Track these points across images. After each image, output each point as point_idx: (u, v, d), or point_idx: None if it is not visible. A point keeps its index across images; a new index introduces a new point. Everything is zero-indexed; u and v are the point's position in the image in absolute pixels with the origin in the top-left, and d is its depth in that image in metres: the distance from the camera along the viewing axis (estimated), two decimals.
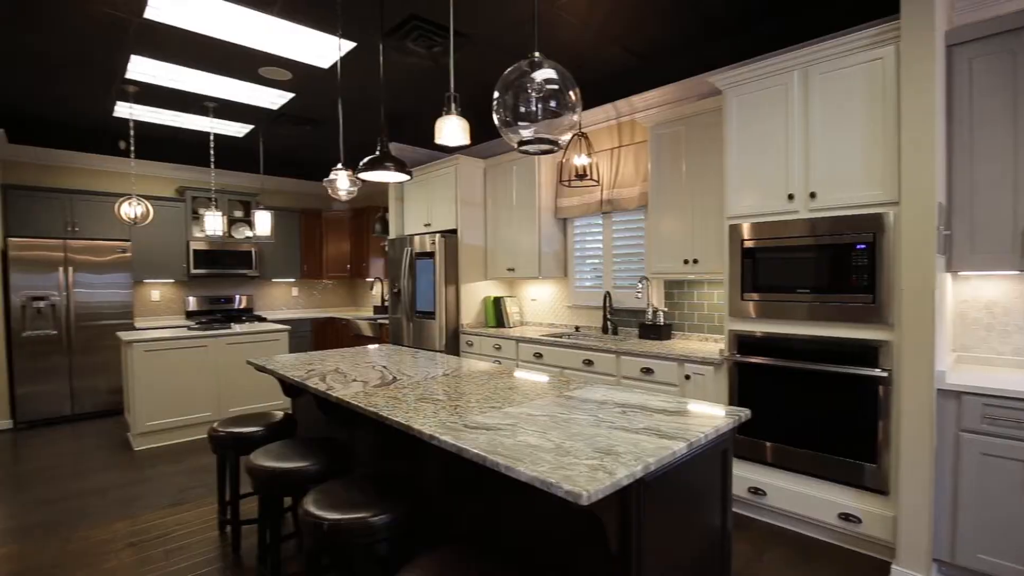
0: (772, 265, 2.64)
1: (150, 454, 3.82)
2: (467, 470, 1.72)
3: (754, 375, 2.72)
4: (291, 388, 2.77)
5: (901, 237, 2.20)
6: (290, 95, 4.14)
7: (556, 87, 1.60)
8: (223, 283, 6.24)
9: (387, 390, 2.01)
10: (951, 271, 2.30)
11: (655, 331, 3.58)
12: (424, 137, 5.07)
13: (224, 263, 5.84)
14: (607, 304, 3.96)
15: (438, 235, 4.39)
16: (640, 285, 3.63)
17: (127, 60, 3.49)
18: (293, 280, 6.76)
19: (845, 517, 2.41)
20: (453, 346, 4.47)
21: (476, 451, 1.29)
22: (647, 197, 3.65)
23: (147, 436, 3.95)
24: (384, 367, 2.52)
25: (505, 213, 4.46)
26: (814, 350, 2.50)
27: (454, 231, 4.55)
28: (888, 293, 2.28)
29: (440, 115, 2.05)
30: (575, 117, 1.64)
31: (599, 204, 3.96)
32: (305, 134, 5.17)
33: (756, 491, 2.71)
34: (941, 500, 2.12)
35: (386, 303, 6.51)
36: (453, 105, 2.00)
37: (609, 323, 3.97)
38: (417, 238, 4.65)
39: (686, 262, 3.27)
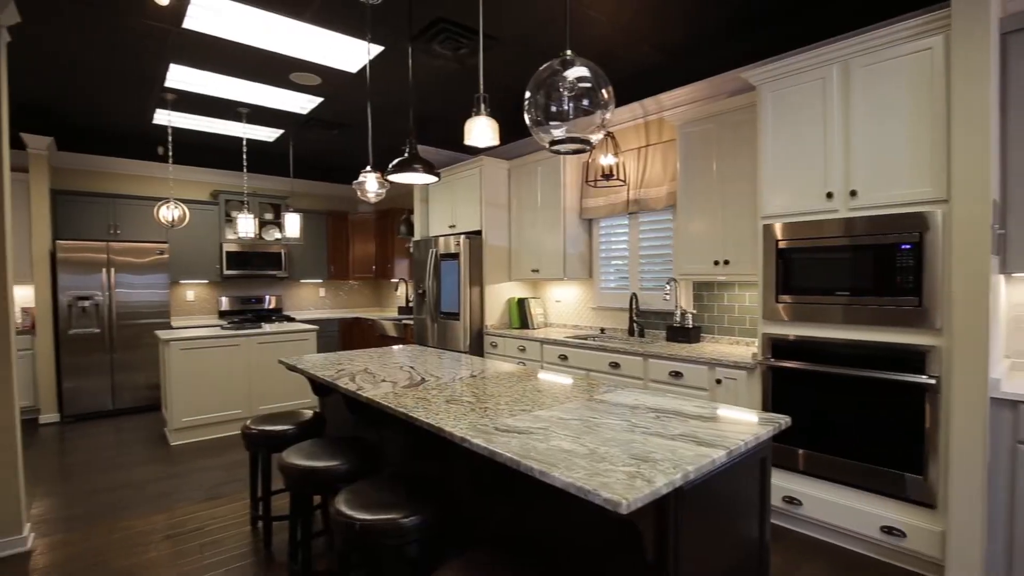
0: (808, 266, 2.55)
1: (186, 449, 3.93)
2: (496, 472, 1.71)
3: (789, 380, 2.63)
4: (320, 387, 2.81)
5: (952, 237, 2.10)
6: (319, 100, 4.21)
7: (589, 85, 1.57)
8: (254, 284, 6.39)
9: (416, 391, 2.02)
10: (1005, 273, 2.18)
11: (683, 334, 3.50)
12: (449, 139, 5.10)
13: (255, 264, 5.99)
14: (633, 306, 3.90)
15: (463, 236, 4.40)
16: (668, 287, 3.56)
17: (166, 69, 3.60)
18: (320, 281, 6.88)
19: (888, 530, 2.31)
20: (477, 347, 4.47)
21: (509, 455, 1.27)
22: (675, 197, 3.58)
23: (183, 432, 4.07)
24: (412, 368, 2.53)
25: (529, 214, 4.44)
26: (853, 355, 2.41)
27: (479, 232, 4.55)
28: (935, 296, 2.17)
29: (466, 117, 2.05)
30: (608, 115, 1.61)
31: (625, 204, 3.91)
32: (333, 138, 5.26)
33: (791, 500, 2.62)
34: (995, 515, 2.01)
35: (410, 304, 6.57)
36: (483, 106, 1.99)
37: (635, 325, 3.91)
38: (442, 239, 4.67)
39: (716, 263, 3.19)
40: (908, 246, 2.22)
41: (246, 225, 4.65)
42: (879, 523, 2.33)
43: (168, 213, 4.25)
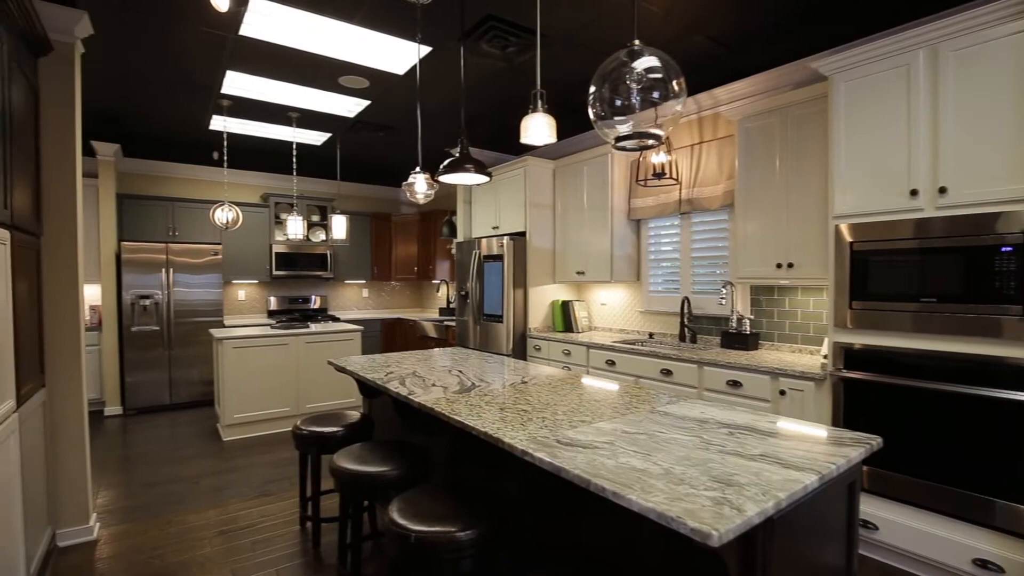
0: (888, 270, 2.35)
1: (237, 445, 4.04)
2: (553, 486, 1.62)
3: (864, 393, 2.43)
4: (369, 389, 2.80)
5: None
6: (366, 103, 4.25)
7: (659, 76, 1.48)
8: (301, 284, 6.55)
9: (467, 397, 1.96)
10: None
11: (740, 340, 3.32)
12: (492, 139, 5.06)
13: (302, 265, 6.13)
14: (685, 310, 3.74)
15: (506, 238, 4.34)
16: (724, 290, 3.38)
17: (223, 76, 3.71)
18: (364, 282, 6.99)
19: (982, 564, 2.08)
20: (520, 350, 4.40)
21: (577, 473, 1.19)
22: (732, 196, 3.41)
23: (234, 428, 4.18)
24: (460, 372, 2.49)
25: (575, 215, 4.34)
26: (940, 367, 2.19)
27: (523, 234, 4.48)
28: None
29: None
30: (679, 107, 1.50)
31: (677, 204, 3.75)
32: (378, 141, 5.31)
33: (865, 524, 2.42)
34: None
35: (452, 305, 6.58)
36: (540, 102, 1.92)
37: (687, 330, 3.74)
38: (485, 241, 4.63)
39: (779, 266, 3.00)
40: (1010, 248, 1.99)
41: (295, 227, 4.75)
42: (971, 555, 2.11)
43: (223, 215, 4.39)
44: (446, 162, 2.33)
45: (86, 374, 2.54)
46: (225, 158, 4.62)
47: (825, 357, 2.95)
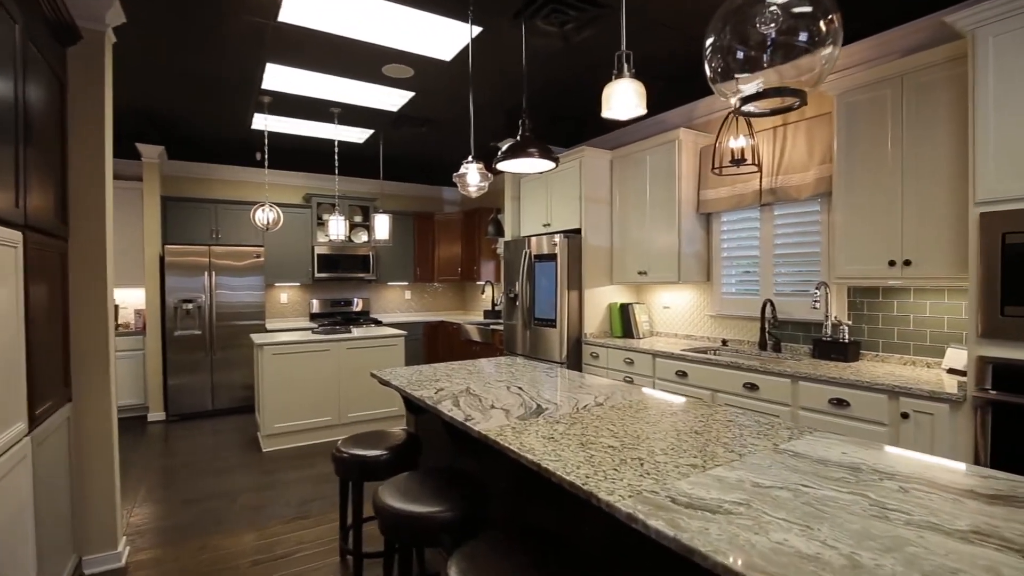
0: None
1: (277, 456, 3.86)
2: (648, 540, 1.27)
3: (1020, 421, 1.95)
4: (415, 404, 2.52)
5: None
6: (410, 95, 4.00)
7: (807, 9, 1.10)
8: (343, 286, 6.41)
9: (536, 424, 1.63)
10: None
11: (837, 350, 2.85)
12: (542, 131, 4.72)
13: (344, 267, 5.98)
14: (768, 314, 3.29)
15: (559, 235, 3.99)
16: (817, 292, 2.92)
17: (263, 70, 3.53)
18: (406, 283, 6.79)
19: None
20: (575, 358, 4.04)
21: (721, 561, 0.83)
22: (827, 183, 2.94)
23: (274, 438, 4.01)
24: (520, 390, 2.15)
25: (636, 209, 3.94)
26: None
27: (577, 231, 4.12)
28: None
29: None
30: (835, 52, 1.12)
31: (757, 195, 3.30)
32: (421, 137, 5.07)
33: None
34: None
35: (497, 307, 6.28)
36: (626, 65, 1.56)
37: (769, 337, 3.28)
38: (535, 239, 4.30)
39: (892, 264, 2.53)
40: None
41: (337, 227, 4.56)
42: None
43: (264, 216, 4.24)
44: (505, 147, 2.01)
45: (115, 386, 2.36)
46: (266, 158, 4.49)
47: (952, 372, 2.46)
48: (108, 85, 2.41)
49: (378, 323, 5.96)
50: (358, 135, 5.03)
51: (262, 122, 4.60)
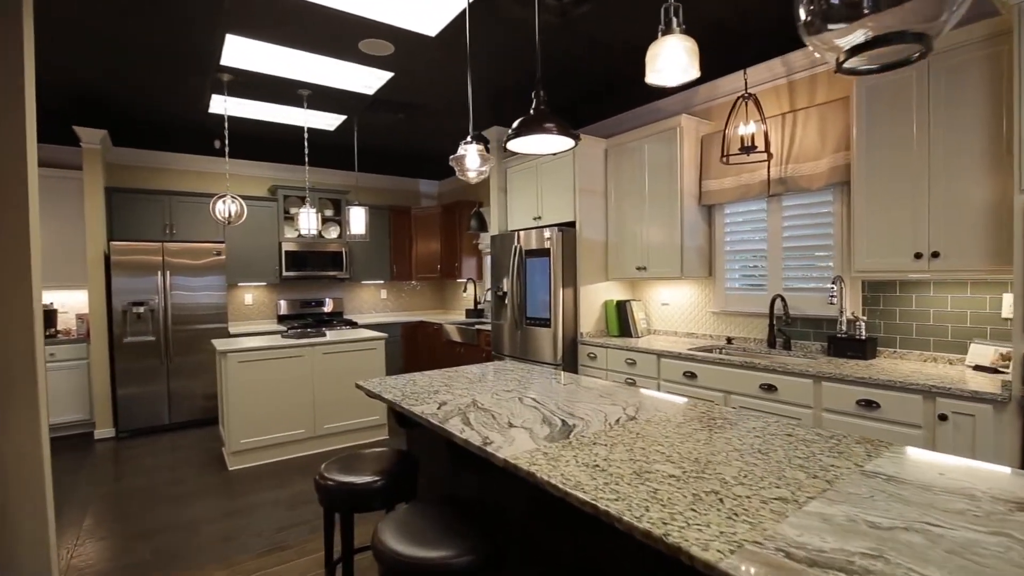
0: None
1: (245, 475, 3.47)
2: None
3: None
4: (406, 418, 2.22)
5: None
6: (388, 75, 3.66)
7: None
8: (313, 286, 5.98)
9: (571, 448, 1.37)
10: None
11: (854, 347, 2.71)
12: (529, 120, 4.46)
13: (315, 264, 5.56)
14: (779, 310, 3.13)
15: (555, 229, 3.74)
16: (834, 287, 2.77)
17: (222, 42, 3.13)
18: (382, 282, 6.41)
19: None
20: (571, 359, 3.81)
21: None
22: (843, 172, 2.79)
23: (242, 455, 3.62)
24: (535, 401, 1.89)
25: (633, 201, 3.73)
26: None
27: (571, 224, 3.88)
28: None
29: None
30: None
31: (765, 185, 3.14)
32: (397, 125, 4.72)
33: None
34: None
35: (480, 306, 5.99)
36: (675, 19, 1.31)
37: (779, 335, 3.13)
38: (523, 234, 4.04)
39: (918, 256, 2.39)
40: None
41: (308, 221, 4.18)
42: None
43: (225, 208, 3.81)
44: (518, 123, 1.73)
45: (47, 401, 1.95)
46: (227, 146, 4.06)
47: (978, 368, 2.34)
48: (28, 52, 2.00)
49: (353, 325, 5.58)
50: (329, 121, 4.64)
51: (221, 104, 4.16)
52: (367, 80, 3.74)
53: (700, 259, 3.51)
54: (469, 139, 2.15)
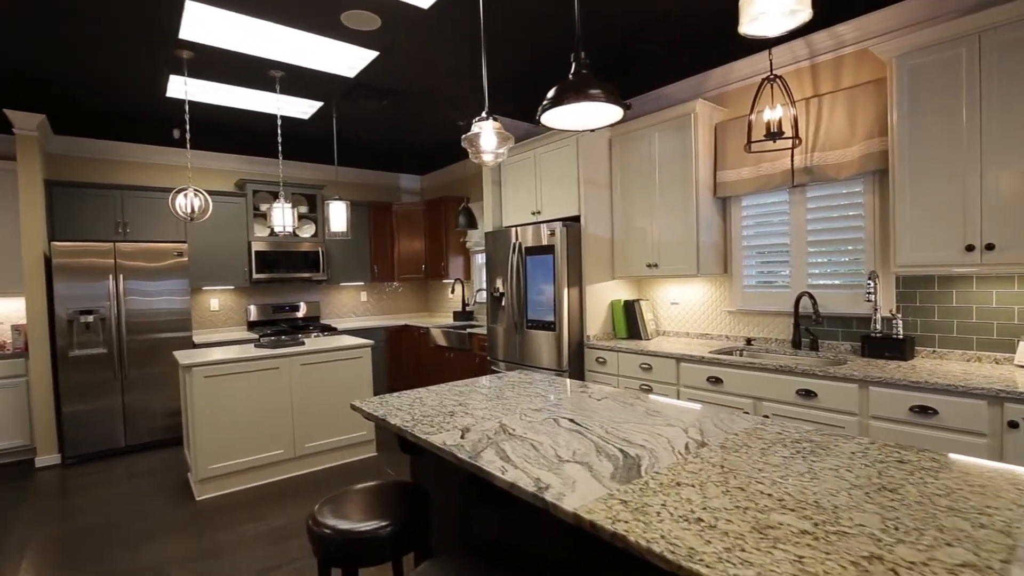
0: None
1: (216, 506, 3.05)
2: None
3: None
4: (409, 443, 1.89)
5: None
6: (372, 55, 3.29)
7: None
8: (287, 289, 5.53)
9: (650, 491, 1.07)
10: None
11: (892, 347, 2.52)
12: (523, 108, 4.15)
13: (288, 266, 5.12)
14: (808, 309, 2.92)
15: (558, 224, 3.45)
16: (871, 283, 2.57)
17: (181, 9, 2.72)
18: (362, 284, 5.99)
19: None
20: (577, 364, 3.53)
21: None
22: (876, 160, 2.60)
23: (211, 482, 3.19)
24: (574, 423, 1.59)
25: (642, 194, 3.48)
26: None
27: (576, 219, 3.60)
28: None
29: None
30: None
31: (788, 175, 2.93)
32: (379, 113, 4.35)
33: None
34: None
35: (468, 308, 5.66)
36: None
37: (807, 334, 2.93)
38: (524, 229, 3.74)
39: (969, 249, 2.20)
40: None
41: (282, 217, 3.77)
42: None
43: (186, 202, 3.37)
44: (555, 91, 1.43)
45: None
46: (188, 134, 3.61)
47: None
48: None
49: (332, 330, 5.16)
50: (304, 109, 4.23)
51: (181, 87, 3.70)
52: (348, 60, 3.37)
53: (716, 255, 3.28)
54: (484, 114, 1.83)
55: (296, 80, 3.64)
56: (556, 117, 1.48)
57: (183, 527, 2.80)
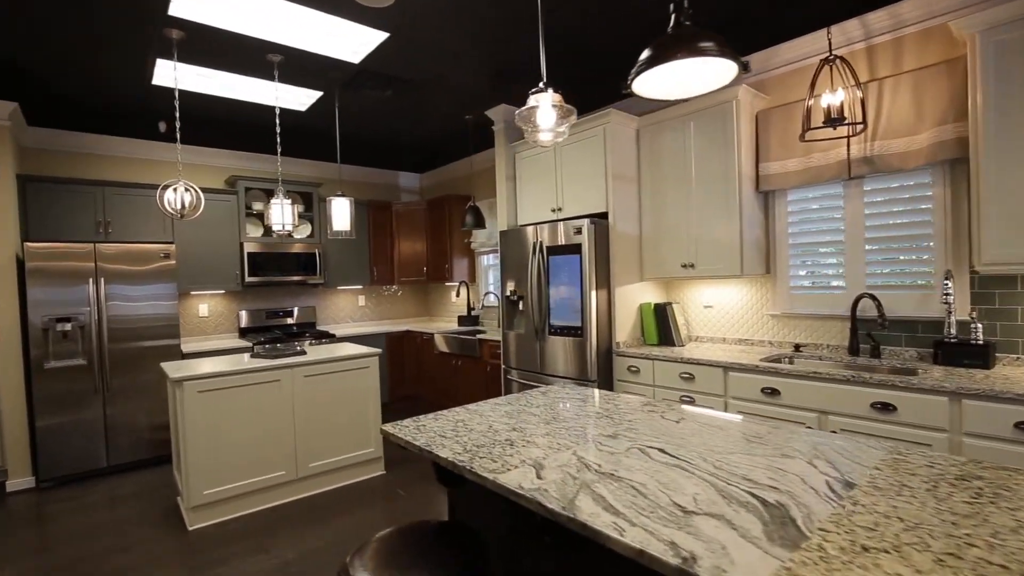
0: None
1: (211, 536, 2.71)
2: None
3: None
4: (449, 474, 1.60)
5: None
6: (382, 36, 2.99)
7: None
8: (281, 293, 5.18)
9: (842, 566, 0.79)
10: None
11: (971, 354, 2.29)
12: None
13: (283, 268, 4.77)
14: (875, 312, 2.68)
15: (587, 221, 3.18)
16: (949, 284, 2.34)
17: None
18: (360, 287, 5.66)
19: None
20: (606, 374, 3.25)
21: None
22: (949, 148, 2.37)
23: (205, 510, 2.85)
24: (668, 454, 1.31)
25: (674, 188, 3.22)
26: None
27: (603, 216, 3.33)
28: None
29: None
30: None
31: (843, 166, 2.69)
32: (381, 106, 4.04)
33: None
34: None
35: (474, 312, 5.36)
36: None
37: (868, 340, 2.69)
38: (538, 228, 3.46)
39: None
40: None
41: (281, 214, 3.45)
42: None
43: (176, 198, 3.03)
44: (652, 48, 1.15)
45: None
46: (178, 123, 3.27)
47: None
48: None
49: (330, 337, 4.83)
50: (302, 100, 3.91)
51: (170, 73, 3.37)
52: (354, 43, 3.07)
53: (758, 254, 3.03)
54: (542, 84, 1.54)
55: (295, 66, 3.33)
56: (651, 83, 1.20)
57: (174, 562, 2.46)
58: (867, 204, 2.70)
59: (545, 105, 1.54)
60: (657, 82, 1.22)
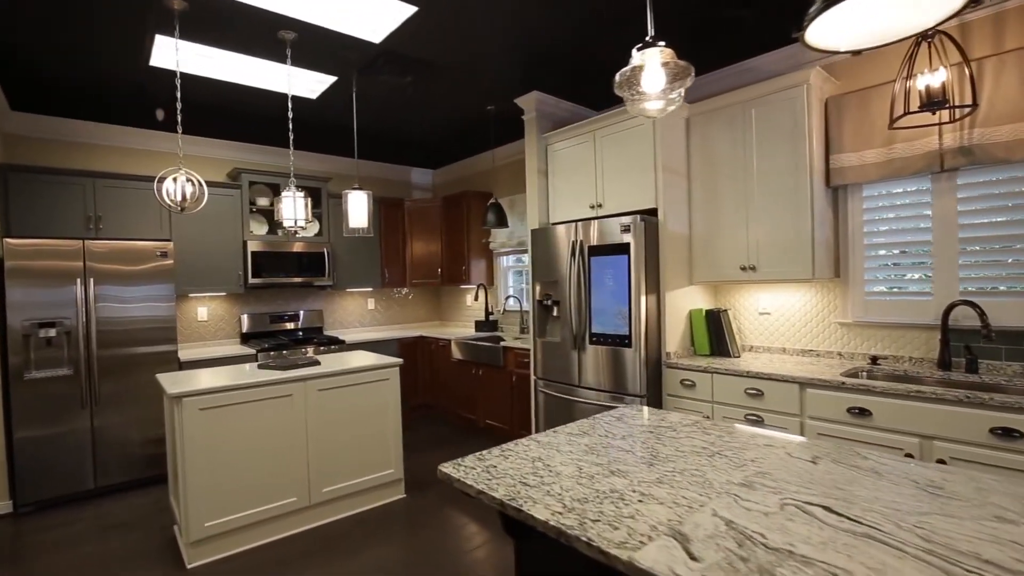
0: None
1: (213, 574, 2.37)
2: None
3: None
4: (517, 523, 1.27)
5: None
6: (410, 11, 2.67)
7: None
8: (286, 295, 4.83)
9: None
10: None
11: None
12: (569, 86, 3.56)
13: (289, 269, 4.43)
14: (956, 321, 2.38)
15: (636, 218, 2.87)
16: None
17: None
18: (370, 289, 5.31)
19: None
20: (655, 388, 2.93)
21: None
22: None
23: (206, 544, 2.50)
24: (839, 515, 0.99)
25: (730, 183, 2.92)
26: None
27: (652, 212, 3.02)
28: None
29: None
30: None
31: (935, 156, 2.39)
32: (398, 94, 3.71)
33: None
34: None
35: (492, 317, 5.03)
36: None
37: (963, 352, 2.38)
38: (578, 226, 3.14)
39: None
40: None
41: (293, 208, 3.11)
42: None
43: (176, 188, 2.69)
44: None
45: None
46: (179, 111, 2.93)
47: None
48: None
49: (339, 343, 4.48)
50: (313, 85, 3.57)
51: (170, 54, 3.03)
52: (377, 19, 2.74)
53: (827, 255, 2.73)
54: (650, 38, 1.22)
55: (310, 45, 2.99)
56: (834, 27, 0.88)
57: None
58: (961, 200, 2.40)
59: (653, 63, 1.22)
60: (841, 25, 0.90)
